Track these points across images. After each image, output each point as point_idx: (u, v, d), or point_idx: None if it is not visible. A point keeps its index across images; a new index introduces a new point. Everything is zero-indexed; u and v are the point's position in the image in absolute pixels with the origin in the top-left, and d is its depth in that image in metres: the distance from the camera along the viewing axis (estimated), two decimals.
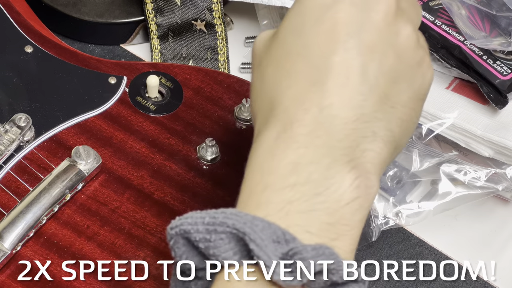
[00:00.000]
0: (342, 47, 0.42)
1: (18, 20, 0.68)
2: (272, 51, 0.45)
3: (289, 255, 0.39)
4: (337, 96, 0.42)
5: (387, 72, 0.43)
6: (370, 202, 0.42)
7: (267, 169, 0.41)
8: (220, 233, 0.40)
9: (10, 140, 0.60)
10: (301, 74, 0.42)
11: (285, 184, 0.41)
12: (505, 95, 0.67)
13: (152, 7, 0.75)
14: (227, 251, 0.40)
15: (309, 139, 0.41)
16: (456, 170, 0.68)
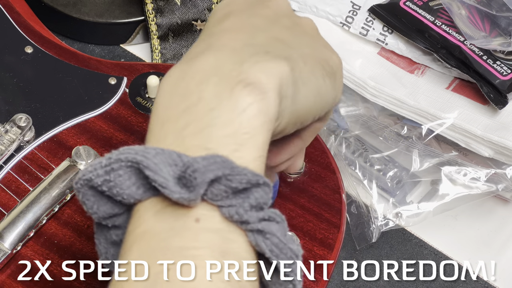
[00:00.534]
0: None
1: (18, 21, 0.68)
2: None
3: (183, 172, 0.39)
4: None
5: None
6: (269, 106, 0.41)
7: (164, 105, 0.42)
8: (117, 170, 0.40)
9: (10, 140, 0.60)
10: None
11: (179, 111, 0.41)
12: (505, 95, 0.67)
13: (152, 7, 0.75)
14: (130, 187, 0.40)
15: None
16: (456, 170, 0.68)
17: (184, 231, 0.39)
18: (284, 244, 0.40)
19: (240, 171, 0.39)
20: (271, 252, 0.39)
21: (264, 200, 0.40)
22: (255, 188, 0.40)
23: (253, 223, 0.39)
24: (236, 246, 0.39)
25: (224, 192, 0.39)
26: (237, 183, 0.39)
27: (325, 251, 0.58)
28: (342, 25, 0.72)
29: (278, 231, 0.40)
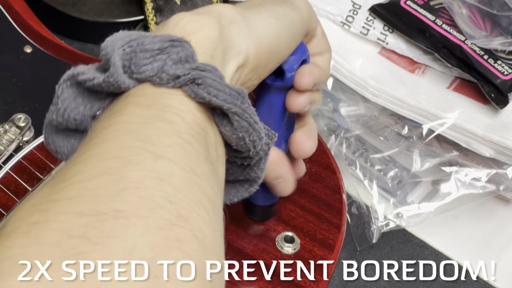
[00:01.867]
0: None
1: (18, 20, 0.68)
2: None
3: (101, 57, 0.40)
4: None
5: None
6: (201, 21, 0.43)
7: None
8: (61, 94, 0.41)
9: (9, 140, 0.60)
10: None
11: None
12: (506, 94, 0.67)
13: (151, 6, 0.75)
14: (78, 106, 0.41)
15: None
16: (457, 171, 0.68)
17: (114, 106, 0.40)
18: (219, 83, 0.40)
19: (149, 35, 0.40)
20: (209, 94, 0.39)
21: (186, 53, 0.40)
22: (172, 46, 0.40)
23: (184, 75, 0.39)
24: (165, 100, 0.39)
25: (144, 59, 0.40)
26: (150, 44, 0.40)
27: (326, 251, 0.58)
28: (342, 25, 0.72)
29: (210, 75, 0.40)
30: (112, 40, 0.40)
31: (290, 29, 0.48)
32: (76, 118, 0.41)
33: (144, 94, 0.40)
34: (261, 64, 0.46)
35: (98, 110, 0.41)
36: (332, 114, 0.70)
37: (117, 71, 0.39)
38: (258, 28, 0.45)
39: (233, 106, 0.40)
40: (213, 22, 0.43)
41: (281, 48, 0.47)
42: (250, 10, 0.46)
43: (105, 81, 0.40)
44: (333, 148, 0.70)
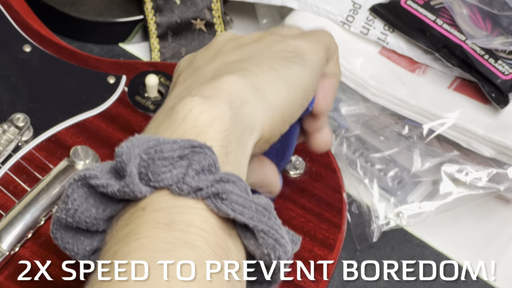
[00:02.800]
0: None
1: (17, 19, 0.68)
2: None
3: (114, 164, 0.39)
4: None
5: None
6: (213, 108, 0.41)
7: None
8: (71, 194, 0.40)
9: (8, 140, 0.60)
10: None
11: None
12: (507, 94, 0.67)
13: (151, 6, 0.75)
14: (89, 209, 0.40)
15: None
16: (457, 170, 0.68)
17: (131, 222, 0.38)
18: (245, 199, 0.38)
19: (168, 140, 0.39)
20: (234, 212, 0.38)
21: (209, 162, 0.39)
22: (193, 152, 0.39)
23: (206, 187, 0.38)
24: (187, 216, 0.38)
25: (163, 167, 0.38)
26: (169, 152, 0.38)
27: (326, 251, 0.58)
28: (342, 24, 0.72)
29: (235, 189, 0.38)
30: (128, 146, 0.38)
31: (303, 90, 0.46)
32: (88, 220, 0.40)
33: (162, 208, 0.38)
34: (276, 133, 0.45)
35: (111, 213, 0.40)
36: (333, 113, 0.70)
37: (133, 181, 0.38)
38: (270, 100, 0.44)
39: (259, 224, 0.38)
40: (225, 110, 0.41)
41: (294, 112, 0.46)
42: (260, 77, 0.44)
43: (120, 190, 0.38)
44: (333, 147, 0.70)
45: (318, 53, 0.48)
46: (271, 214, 0.39)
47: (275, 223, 0.39)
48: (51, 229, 0.42)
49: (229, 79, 0.43)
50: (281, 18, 0.75)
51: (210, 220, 0.38)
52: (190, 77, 0.46)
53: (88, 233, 0.42)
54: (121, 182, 0.38)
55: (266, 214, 0.38)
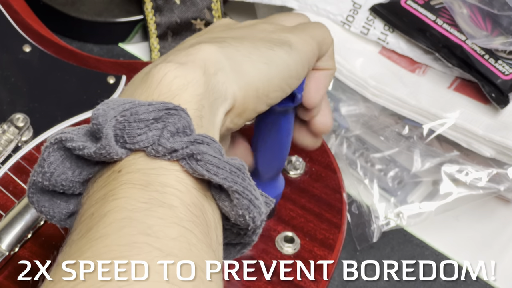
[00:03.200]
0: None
1: (17, 19, 0.68)
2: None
3: (90, 126, 0.39)
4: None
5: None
6: (187, 73, 0.41)
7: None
8: (48, 157, 0.40)
9: (8, 141, 0.59)
10: None
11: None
12: (507, 94, 0.67)
13: (151, 6, 0.75)
14: (65, 171, 0.40)
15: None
16: (457, 171, 0.68)
17: (107, 183, 0.38)
18: (219, 160, 0.38)
19: (143, 102, 0.39)
20: (208, 172, 0.38)
21: (183, 124, 0.39)
22: (168, 115, 0.39)
23: (181, 149, 0.38)
24: (162, 177, 0.38)
25: (138, 129, 0.38)
26: (144, 114, 0.38)
27: (326, 251, 0.58)
28: (342, 24, 0.72)
29: (209, 150, 0.38)
30: (104, 109, 0.39)
31: (283, 73, 0.46)
32: (64, 183, 0.40)
33: (138, 169, 0.38)
34: (249, 108, 0.45)
35: (87, 175, 0.40)
36: (333, 113, 0.70)
37: (109, 143, 0.38)
38: (246, 72, 0.44)
39: (233, 184, 0.38)
40: (199, 75, 0.41)
41: (270, 92, 0.46)
42: (240, 51, 0.45)
43: (96, 152, 0.38)
44: (333, 147, 0.70)
45: (307, 45, 0.48)
46: (245, 175, 0.39)
47: (249, 184, 0.39)
48: (27, 193, 0.41)
49: (206, 47, 0.43)
50: None
51: (185, 181, 0.38)
52: (172, 50, 0.47)
53: (64, 196, 0.42)
54: (97, 144, 0.39)
55: (240, 175, 0.39)
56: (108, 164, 0.40)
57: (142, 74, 0.43)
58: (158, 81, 0.41)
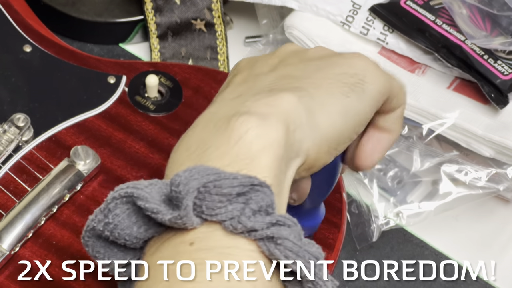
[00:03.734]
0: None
1: (17, 19, 0.68)
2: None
3: (169, 192, 0.37)
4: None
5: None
6: (270, 131, 0.39)
7: (172, 158, 0.42)
8: (113, 209, 0.38)
9: (8, 140, 0.60)
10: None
11: (183, 159, 0.41)
12: (506, 94, 0.67)
13: (151, 6, 0.75)
14: (130, 226, 0.38)
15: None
16: (457, 170, 0.68)
17: (178, 255, 0.37)
18: (299, 247, 0.37)
19: (228, 175, 0.37)
20: (286, 258, 0.37)
21: (267, 202, 0.37)
22: (252, 190, 0.37)
23: (261, 229, 0.37)
24: (236, 258, 0.37)
25: (219, 202, 0.37)
26: (228, 188, 0.37)
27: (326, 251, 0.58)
28: (342, 25, 0.72)
29: (290, 235, 0.37)
30: (187, 177, 0.37)
31: (354, 122, 0.44)
32: (127, 238, 0.39)
33: (212, 247, 0.37)
34: (319, 163, 0.43)
35: (152, 234, 0.39)
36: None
37: (188, 214, 0.37)
38: (321, 126, 0.42)
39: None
40: (281, 135, 0.39)
41: (341, 143, 0.44)
42: (316, 100, 0.42)
43: (171, 220, 0.37)
44: None
45: (380, 85, 0.45)
46: (322, 265, 0.38)
47: (323, 274, 0.38)
48: (83, 235, 0.40)
49: (286, 97, 0.41)
50: (281, 19, 0.75)
51: (259, 265, 0.37)
52: (246, 82, 0.44)
53: (122, 247, 0.40)
54: (174, 212, 0.37)
55: (317, 265, 0.38)
56: (178, 230, 0.38)
57: (221, 122, 0.40)
58: (238, 138, 0.39)
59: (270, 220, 0.37)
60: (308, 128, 0.41)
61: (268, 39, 0.74)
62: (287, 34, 0.71)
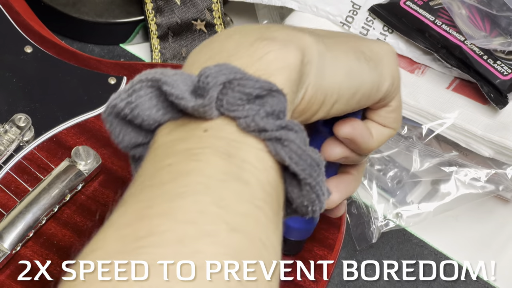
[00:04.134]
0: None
1: (18, 20, 0.68)
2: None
3: (197, 81, 0.39)
4: None
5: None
6: (288, 56, 0.41)
7: (191, 57, 0.44)
8: (138, 90, 0.40)
9: (9, 140, 0.60)
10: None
11: (204, 59, 0.42)
12: (506, 95, 0.67)
13: (152, 6, 0.75)
14: (150, 108, 0.40)
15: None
16: (456, 171, 0.68)
17: (191, 138, 0.39)
18: (303, 151, 0.39)
19: (252, 77, 0.40)
20: (290, 159, 0.39)
21: (280, 108, 0.40)
22: (269, 95, 0.40)
23: (271, 130, 0.39)
24: (243, 152, 0.38)
25: (239, 100, 0.39)
26: (250, 88, 0.39)
27: (325, 251, 0.58)
28: (342, 25, 0.72)
29: (296, 139, 0.39)
30: (217, 71, 0.39)
31: (355, 88, 0.45)
32: (145, 118, 0.40)
33: (224, 137, 0.39)
34: (311, 109, 0.44)
35: (169, 118, 0.40)
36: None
37: (211, 104, 0.39)
38: (325, 75, 0.44)
39: (308, 177, 0.39)
40: (298, 61, 0.42)
41: (337, 102, 0.45)
42: (331, 51, 0.45)
43: (193, 108, 0.39)
44: None
45: (393, 71, 0.48)
46: (321, 170, 0.40)
47: (321, 180, 0.40)
48: (104, 111, 0.41)
49: (307, 36, 0.44)
50: (281, 19, 0.75)
51: (265, 161, 0.39)
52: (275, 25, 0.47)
53: (137, 127, 0.42)
54: (197, 100, 0.39)
55: (317, 170, 0.40)
56: (195, 117, 0.40)
57: (250, 38, 0.43)
58: (259, 56, 0.41)
59: (280, 124, 0.39)
60: (315, 69, 0.44)
61: None
62: None
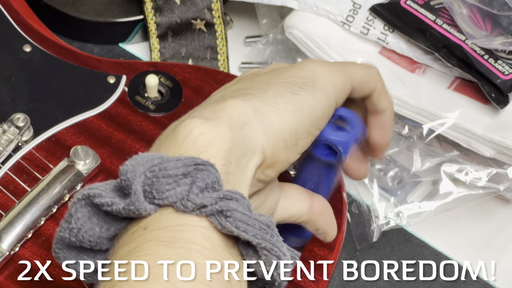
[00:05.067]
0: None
1: (17, 19, 0.68)
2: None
3: (119, 182, 0.39)
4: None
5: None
6: (212, 129, 0.41)
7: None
8: (74, 214, 0.40)
9: (8, 140, 0.60)
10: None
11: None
12: (507, 94, 0.67)
13: (151, 6, 0.75)
14: (92, 228, 0.40)
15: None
16: (457, 170, 0.68)
17: (134, 240, 0.39)
18: (248, 217, 0.39)
19: (172, 158, 0.39)
20: (237, 229, 0.38)
21: (212, 179, 0.39)
22: (197, 170, 0.39)
23: (210, 204, 0.39)
24: (188, 234, 0.38)
25: (167, 185, 0.38)
26: (173, 169, 0.39)
27: (326, 251, 0.58)
28: (342, 24, 0.72)
29: (239, 207, 0.39)
30: (133, 164, 0.39)
31: (310, 117, 0.46)
32: (91, 239, 0.40)
33: (164, 226, 0.38)
34: (280, 159, 0.44)
35: (114, 231, 0.41)
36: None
37: (138, 199, 0.38)
38: (272, 123, 0.44)
39: (262, 241, 0.39)
40: (224, 130, 0.41)
41: (299, 140, 0.45)
42: (264, 101, 0.44)
43: (125, 208, 0.39)
44: None
45: (333, 81, 0.47)
46: (274, 231, 0.39)
47: (277, 240, 0.40)
48: (54, 248, 0.42)
49: (230, 102, 0.43)
50: (281, 18, 0.75)
51: (211, 238, 0.39)
52: (207, 101, 0.47)
53: (91, 252, 0.42)
54: (126, 200, 0.39)
55: (269, 232, 0.39)
56: (134, 220, 0.40)
57: (168, 131, 0.43)
58: (183, 137, 0.41)
59: (218, 195, 0.39)
60: (258, 126, 0.43)
61: (268, 39, 0.74)
62: (287, 34, 0.71)
